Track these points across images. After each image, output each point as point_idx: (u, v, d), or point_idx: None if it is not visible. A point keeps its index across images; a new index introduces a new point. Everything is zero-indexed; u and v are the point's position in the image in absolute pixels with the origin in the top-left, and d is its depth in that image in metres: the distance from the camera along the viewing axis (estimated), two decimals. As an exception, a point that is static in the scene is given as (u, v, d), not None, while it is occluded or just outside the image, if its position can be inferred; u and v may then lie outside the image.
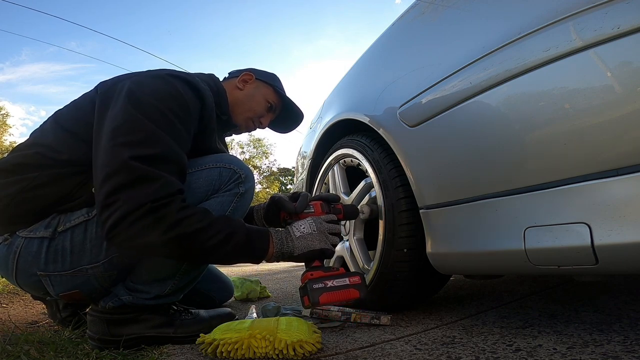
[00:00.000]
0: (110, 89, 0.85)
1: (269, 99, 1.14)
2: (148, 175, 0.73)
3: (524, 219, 0.64)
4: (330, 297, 0.75)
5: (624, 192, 0.52)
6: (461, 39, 0.79)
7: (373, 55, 1.23)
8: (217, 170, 0.87)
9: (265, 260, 0.82)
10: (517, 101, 0.64)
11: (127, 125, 0.77)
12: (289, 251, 0.82)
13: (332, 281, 0.77)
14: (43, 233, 0.81)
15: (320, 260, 0.85)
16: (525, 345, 0.70)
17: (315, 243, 0.83)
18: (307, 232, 0.84)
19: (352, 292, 0.78)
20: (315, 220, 0.88)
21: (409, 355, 0.71)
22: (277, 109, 1.18)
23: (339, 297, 0.76)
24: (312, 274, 0.79)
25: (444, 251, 0.83)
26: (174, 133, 0.80)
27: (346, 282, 0.78)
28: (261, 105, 1.13)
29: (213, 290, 1.29)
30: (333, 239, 0.88)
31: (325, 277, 0.78)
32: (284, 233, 0.84)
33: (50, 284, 0.84)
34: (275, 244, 0.82)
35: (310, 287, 0.76)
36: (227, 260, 0.80)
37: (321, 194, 1.01)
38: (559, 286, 1.25)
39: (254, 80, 1.13)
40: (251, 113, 1.12)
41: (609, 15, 0.51)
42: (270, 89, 1.15)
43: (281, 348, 0.70)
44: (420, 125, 0.85)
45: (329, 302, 0.75)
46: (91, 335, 0.86)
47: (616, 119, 0.52)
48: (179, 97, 0.83)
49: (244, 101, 1.10)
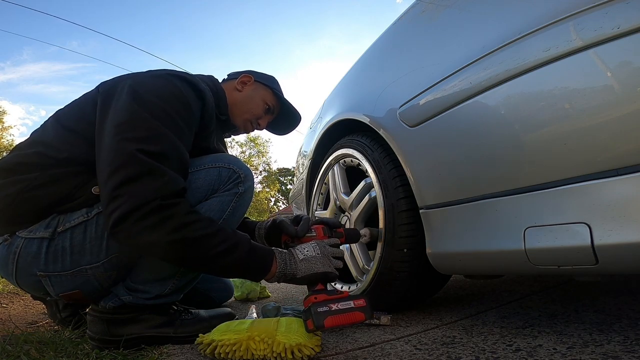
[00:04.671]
0: (112, 88, 0.85)
1: (267, 101, 1.14)
2: (155, 169, 0.73)
3: (524, 219, 0.64)
4: (335, 321, 0.73)
5: (624, 192, 0.52)
6: (461, 39, 0.79)
7: (373, 55, 1.23)
8: (217, 170, 0.87)
9: (265, 279, 0.82)
10: (517, 101, 0.64)
11: (131, 122, 0.77)
12: (292, 273, 0.82)
13: (337, 304, 0.75)
14: (43, 233, 0.81)
15: (323, 283, 0.84)
16: (525, 345, 0.70)
17: (319, 266, 0.83)
18: (310, 255, 0.84)
19: (358, 315, 0.76)
20: (319, 243, 0.88)
21: (409, 355, 0.71)
22: (275, 111, 1.18)
23: (344, 320, 0.74)
24: (316, 297, 0.78)
25: (443, 251, 0.83)
26: (177, 131, 0.80)
27: (351, 305, 0.77)
28: (259, 107, 1.13)
29: (213, 290, 1.29)
30: (336, 262, 0.87)
31: (330, 300, 0.76)
32: (288, 255, 0.85)
33: (50, 284, 0.84)
34: (279, 264, 0.82)
35: (314, 311, 0.73)
36: (226, 272, 0.80)
37: (322, 218, 1.01)
38: (559, 286, 1.25)
39: (253, 82, 1.13)
40: (249, 115, 1.12)
41: (609, 15, 0.51)
42: (268, 91, 1.15)
43: (279, 351, 0.70)
44: (420, 125, 0.85)
45: (333, 325, 0.73)
46: (91, 335, 0.86)
47: (616, 119, 0.52)
48: (181, 96, 0.84)
49: (242, 103, 1.11)
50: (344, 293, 0.80)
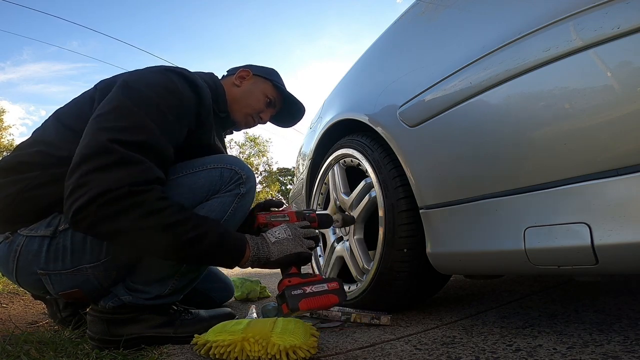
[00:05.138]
0: (109, 85, 0.86)
1: (268, 94, 1.12)
2: (127, 159, 0.71)
3: (524, 219, 0.64)
4: (310, 304, 0.74)
5: (624, 192, 0.52)
6: (461, 39, 0.79)
7: (373, 55, 1.23)
8: (218, 171, 0.87)
9: (240, 264, 0.80)
10: (517, 101, 0.64)
11: (114, 112, 0.76)
12: (266, 256, 0.81)
13: (311, 287, 0.76)
14: (44, 232, 0.81)
15: (297, 266, 0.84)
16: (525, 345, 0.70)
17: (291, 247, 0.83)
18: (282, 237, 0.84)
19: (332, 298, 0.77)
20: (290, 226, 0.87)
21: (409, 355, 0.71)
22: (277, 104, 1.16)
23: (319, 303, 0.75)
24: (290, 280, 0.78)
25: (444, 251, 0.83)
26: (163, 123, 0.78)
27: (325, 287, 0.78)
28: (260, 101, 1.11)
29: (213, 290, 1.29)
30: (309, 242, 0.87)
31: (304, 283, 0.77)
32: (260, 239, 0.84)
33: (50, 283, 0.84)
34: (252, 248, 0.80)
35: (288, 294, 0.74)
36: (199, 259, 0.77)
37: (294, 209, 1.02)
38: (559, 286, 1.25)
39: (252, 76, 1.12)
40: (250, 109, 1.10)
41: (609, 15, 0.51)
42: (268, 84, 1.13)
43: (274, 353, 0.69)
44: (421, 125, 0.85)
45: (308, 308, 0.74)
46: (91, 335, 0.86)
47: (616, 119, 0.52)
48: (174, 90, 0.83)
49: (242, 98, 1.09)
50: (317, 276, 0.81)
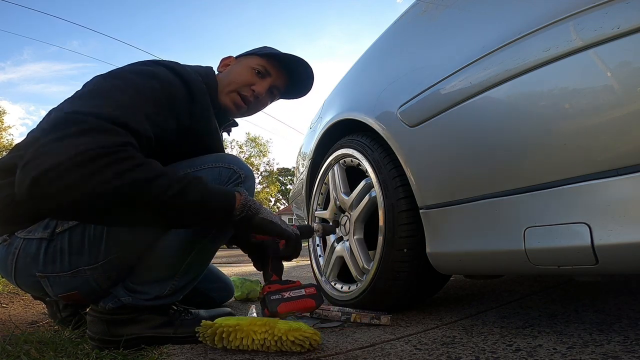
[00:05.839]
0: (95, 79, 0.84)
1: (254, 65, 1.01)
2: (99, 126, 0.63)
3: (524, 219, 0.64)
4: (288, 307, 0.80)
5: (624, 192, 0.52)
6: (461, 39, 0.79)
7: (373, 55, 1.23)
8: (217, 170, 0.87)
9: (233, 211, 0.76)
10: (517, 101, 0.64)
11: (89, 92, 0.73)
12: (256, 208, 0.79)
13: (289, 292, 0.82)
14: (41, 234, 0.80)
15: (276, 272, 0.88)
16: (525, 345, 0.70)
17: (279, 222, 0.85)
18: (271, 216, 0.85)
19: (309, 302, 0.83)
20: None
21: (409, 355, 0.71)
22: (273, 72, 1.04)
23: (296, 306, 0.81)
24: (270, 287, 0.83)
25: (444, 251, 0.83)
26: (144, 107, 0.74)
27: (302, 292, 0.83)
28: (244, 74, 1.01)
29: (213, 290, 1.29)
30: (294, 229, 0.89)
31: (283, 289, 0.83)
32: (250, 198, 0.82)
33: (48, 285, 0.84)
34: (242, 194, 0.79)
35: (268, 299, 0.80)
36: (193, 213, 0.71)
37: None
38: (559, 286, 1.25)
39: (234, 59, 1.08)
40: (234, 85, 0.99)
41: (609, 15, 0.51)
42: (253, 57, 1.03)
43: (280, 334, 0.73)
44: (421, 125, 0.85)
45: (286, 311, 0.80)
46: (91, 336, 0.86)
47: (616, 119, 0.52)
48: (162, 79, 0.80)
49: (224, 79, 1.00)
50: (296, 282, 0.86)
